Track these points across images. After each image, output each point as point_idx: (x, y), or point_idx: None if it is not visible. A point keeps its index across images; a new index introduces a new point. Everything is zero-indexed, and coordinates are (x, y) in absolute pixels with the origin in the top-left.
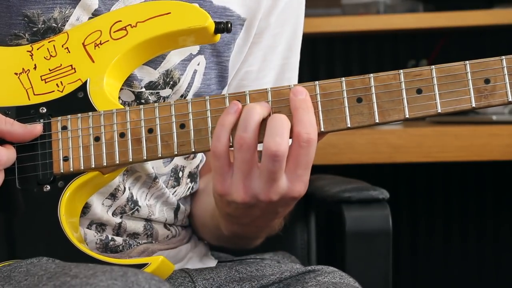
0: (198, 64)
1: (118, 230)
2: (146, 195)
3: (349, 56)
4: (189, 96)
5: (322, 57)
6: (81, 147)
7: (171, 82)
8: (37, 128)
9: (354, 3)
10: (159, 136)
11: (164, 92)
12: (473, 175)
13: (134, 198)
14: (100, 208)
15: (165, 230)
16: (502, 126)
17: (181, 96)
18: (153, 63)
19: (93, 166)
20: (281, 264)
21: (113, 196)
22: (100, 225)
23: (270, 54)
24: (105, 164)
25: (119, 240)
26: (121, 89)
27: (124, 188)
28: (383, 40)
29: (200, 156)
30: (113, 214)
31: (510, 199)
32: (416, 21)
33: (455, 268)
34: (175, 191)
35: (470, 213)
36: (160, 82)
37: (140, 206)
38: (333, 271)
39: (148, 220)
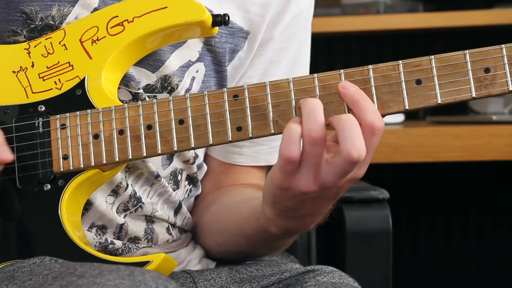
0: (197, 71)
1: (119, 233)
2: (149, 193)
3: (349, 56)
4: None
5: (322, 57)
6: (81, 145)
7: (169, 87)
8: (4, 156)
9: (354, 3)
10: (158, 132)
11: (161, 96)
12: (473, 175)
13: (137, 195)
14: (104, 205)
15: (166, 234)
16: (502, 126)
17: None
18: (151, 66)
19: (93, 164)
20: (280, 264)
21: (115, 192)
22: (101, 228)
23: (271, 69)
24: (104, 161)
25: (118, 243)
26: (118, 88)
27: (127, 184)
28: (383, 40)
29: (199, 160)
30: (117, 211)
31: (510, 199)
32: (416, 21)
33: (455, 268)
34: (175, 193)
35: (470, 213)
36: (158, 86)
37: (143, 203)
38: (333, 271)
39: (150, 220)
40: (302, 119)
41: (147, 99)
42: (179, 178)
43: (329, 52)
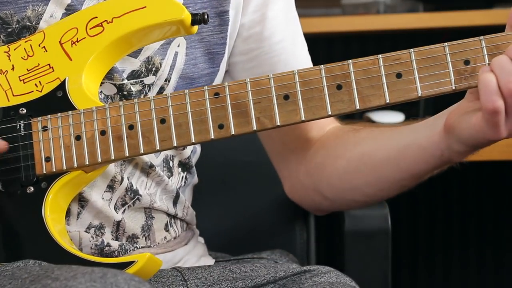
0: (178, 46)
1: (117, 232)
2: (146, 183)
3: (349, 56)
4: (174, 78)
5: (322, 57)
6: (63, 147)
7: (153, 69)
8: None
9: (354, 3)
10: (140, 132)
11: (148, 80)
12: (473, 175)
13: (134, 187)
14: (101, 202)
15: (163, 231)
16: None
17: (165, 80)
18: (133, 52)
19: (76, 165)
20: (277, 264)
21: (111, 188)
22: (99, 228)
23: (269, 11)
24: (87, 163)
25: (115, 245)
26: (102, 83)
27: (122, 178)
28: (383, 40)
29: (191, 146)
30: (115, 207)
31: (510, 199)
32: (416, 21)
33: (454, 268)
34: (171, 181)
35: (470, 213)
36: (143, 70)
37: (141, 195)
38: (329, 270)
39: (149, 214)
40: (497, 75)
41: (132, 88)
42: (171, 164)
43: (329, 52)
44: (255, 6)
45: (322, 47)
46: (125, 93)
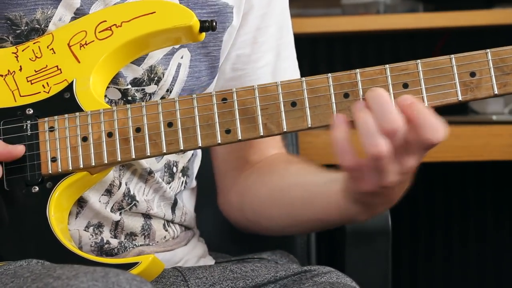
0: (182, 57)
1: (116, 230)
2: (144, 190)
3: (349, 56)
4: (176, 90)
5: (322, 57)
6: (69, 147)
7: (156, 78)
8: (18, 149)
9: (354, 3)
10: (147, 135)
11: (150, 89)
12: (473, 175)
13: (131, 193)
14: (98, 205)
15: (163, 231)
16: (502, 126)
17: (167, 90)
18: (137, 60)
19: (82, 166)
20: (277, 265)
21: (108, 192)
22: (98, 227)
23: (261, 36)
24: (93, 164)
25: (114, 242)
26: (107, 87)
27: (120, 183)
28: (383, 40)
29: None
30: (112, 210)
31: (510, 199)
32: (416, 21)
33: (455, 268)
34: (170, 187)
35: (470, 213)
36: (145, 79)
37: (137, 201)
38: (330, 271)
39: (147, 216)
40: (374, 112)
41: (136, 94)
42: (174, 170)
43: (329, 52)
44: (249, 27)
45: (322, 47)
46: (129, 98)
